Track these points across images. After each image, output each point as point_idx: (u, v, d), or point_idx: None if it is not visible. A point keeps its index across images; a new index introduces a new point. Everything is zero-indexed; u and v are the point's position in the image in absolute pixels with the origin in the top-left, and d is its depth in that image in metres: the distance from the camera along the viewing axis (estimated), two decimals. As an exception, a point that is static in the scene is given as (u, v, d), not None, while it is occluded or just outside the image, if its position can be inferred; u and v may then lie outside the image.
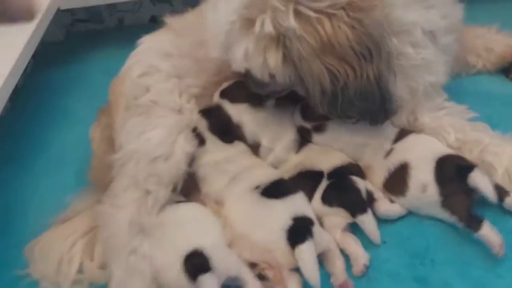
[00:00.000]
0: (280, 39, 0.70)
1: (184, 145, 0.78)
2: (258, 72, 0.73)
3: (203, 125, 0.84)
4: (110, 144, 0.89)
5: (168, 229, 0.75)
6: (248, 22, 0.71)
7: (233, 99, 0.85)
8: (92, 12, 1.42)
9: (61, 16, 1.34)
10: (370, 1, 0.70)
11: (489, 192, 0.72)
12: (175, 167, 0.77)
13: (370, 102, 0.71)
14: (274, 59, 0.71)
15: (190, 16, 0.93)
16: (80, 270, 0.78)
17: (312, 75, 0.69)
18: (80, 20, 1.43)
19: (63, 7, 1.19)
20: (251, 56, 0.71)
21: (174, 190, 0.77)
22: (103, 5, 1.38)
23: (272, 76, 0.73)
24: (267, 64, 0.71)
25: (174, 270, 0.69)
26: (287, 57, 0.71)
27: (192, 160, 0.80)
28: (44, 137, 1.08)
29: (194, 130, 0.82)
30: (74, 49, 1.36)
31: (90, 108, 1.12)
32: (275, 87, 0.80)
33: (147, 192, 0.75)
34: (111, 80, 1.04)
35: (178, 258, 0.69)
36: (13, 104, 1.16)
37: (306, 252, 0.69)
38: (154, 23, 1.39)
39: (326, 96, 0.70)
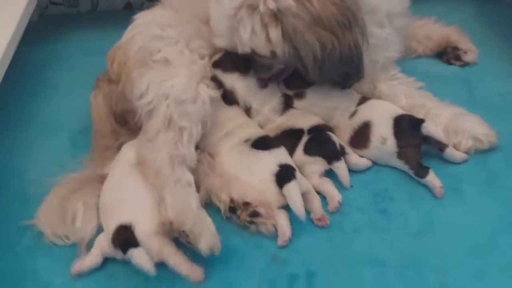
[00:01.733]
0: (279, 18, 0.85)
1: (207, 90, 0.91)
2: (262, 49, 0.88)
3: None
4: (111, 109, 1.01)
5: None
6: (250, 7, 0.86)
7: (225, 69, 0.98)
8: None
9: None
10: None
11: (441, 137, 0.91)
12: (202, 108, 0.89)
13: (349, 65, 0.88)
14: (275, 34, 0.86)
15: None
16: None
17: (306, 45, 0.85)
18: (54, 3, 1.49)
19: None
20: (256, 34, 0.86)
21: (204, 128, 0.89)
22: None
23: (273, 53, 0.88)
24: (270, 39, 0.86)
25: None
26: (285, 32, 0.86)
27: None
28: (36, 107, 1.15)
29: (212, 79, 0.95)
30: (49, 29, 1.42)
31: (74, 81, 1.22)
32: (276, 68, 0.95)
33: (181, 130, 0.86)
34: (89, 58, 1.15)
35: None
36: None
37: (292, 189, 0.84)
38: (129, 10, 1.50)
39: (317, 62, 0.86)
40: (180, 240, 0.79)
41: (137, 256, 0.77)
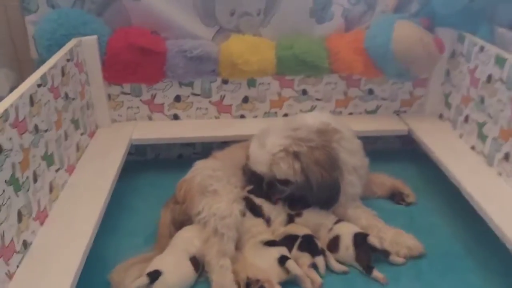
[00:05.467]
0: (299, 157, 1.47)
1: (239, 206, 1.48)
2: (290, 176, 1.49)
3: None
4: (173, 220, 1.58)
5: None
6: (285, 150, 1.49)
7: (256, 195, 1.58)
8: (137, 147, 2.13)
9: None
10: (331, 147, 1.51)
11: (380, 247, 1.45)
12: (235, 219, 1.44)
13: (332, 192, 1.48)
14: (297, 166, 1.48)
15: (225, 151, 1.72)
16: None
17: (312, 175, 1.46)
18: (130, 153, 2.12)
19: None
20: (289, 166, 1.48)
21: (238, 232, 1.44)
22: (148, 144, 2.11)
23: (292, 180, 1.50)
24: (295, 169, 1.48)
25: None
26: (301, 166, 1.47)
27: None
28: (124, 220, 1.71)
29: (243, 199, 1.53)
30: (126, 171, 2.02)
31: (146, 205, 1.79)
32: (286, 192, 1.54)
33: (222, 235, 1.40)
34: (156, 190, 1.76)
35: None
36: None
37: (291, 263, 1.37)
38: (181, 159, 2.14)
39: (317, 187, 1.46)
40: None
41: None
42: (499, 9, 1.80)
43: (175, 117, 2.00)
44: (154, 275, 1.34)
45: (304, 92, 1.99)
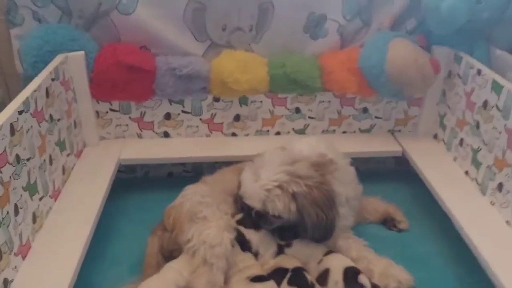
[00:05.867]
0: (295, 197, 1.42)
1: (229, 235, 1.44)
2: (284, 214, 1.44)
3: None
4: (160, 248, 1.54)
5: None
6: (281, 187, 1.43)
7: (246, 226, 1.53)
8: (127, 166, 2.08)
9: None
10: (328, 183, 1.47)
11: (369, 284, 1.42)
12: (225, 249, 1.41)
13: (327, 230, 1.45)
14: (293, 207, 1.43)
15: (215, 176, 1.68)
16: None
17: (309, 216, 1.42)
18: (119, 170, 2.07)
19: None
20: (284, 205, 1.43)
21: (227, 262, 1.41)
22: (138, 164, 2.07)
23: (279, 216, 1.45)
24: (290, 209, 1.43)
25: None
26: (298, 207, 1.42)
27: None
28: (108, 244, 1.68)
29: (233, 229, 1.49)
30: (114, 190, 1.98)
31: (133, 228, 1.76)
32: (275, 224, 1.50)
33: (212, 265, 1.37)
34: (144, 213, 1.72)
35: None
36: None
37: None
38: (171, 177, 2.11)
39: (312, 227, 1.42)
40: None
41: None
42: (497, 30, 1.76)
43: (165, 134, 1.96)
44: None
45: (297, 110, 1.95)
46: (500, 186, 1.53)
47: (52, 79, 1.59)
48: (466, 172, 1.73)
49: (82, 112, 1.83)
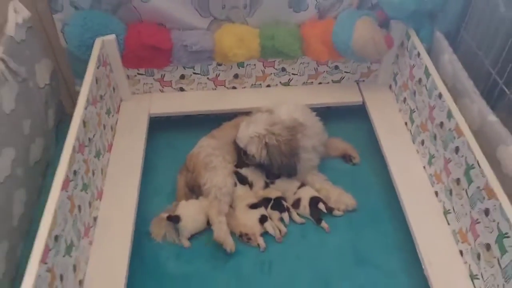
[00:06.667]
0: (268, 146, 2.10)
1: (231, 180, 2.16)
2: (256, 154, 2.13)
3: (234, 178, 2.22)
4: (186, 183, 2.26)
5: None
6: (259, 137, 2.11)
7: (239, 164, 2.24)
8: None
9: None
10: (295, 139, 2.12)
11: (324, 209, 2.16)
12: (230, 189, 2.14)
13: (290, 170, 2.16)
14: (264, 152, 2.11)
15: (221, 131, 2.34)
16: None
17: (275, 160, 2.11)
18: None
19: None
20: (258, 149, 2.11)
21: (231, 197, 2.15)
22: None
23: (253, 156, 2.15)
24: (262, 153, 2.12)
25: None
26: (268, 152, 2.11)
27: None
28: (148, 178, 2.39)
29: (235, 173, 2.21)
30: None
31: (165, 164, 2.46)
32: (257, 161, 2.19)
33: (220, 200, 2.10)
34: (176, 154, 2.41)
35: None
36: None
37: (268, 224, 2.10)
38: (188, 118, 2.74)
39: (277, 168, 2.13)
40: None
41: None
42: (440, 15, 2.22)
43: (181, 89, 2.54)
44: (176, 219, 2.06)
45: (283, 69, 2.50)
46: (422, 142, 2.17)
47: (98, 67, 2.14)
48: (406, 124, 2.36)
49: (117, 77, 2.40)
